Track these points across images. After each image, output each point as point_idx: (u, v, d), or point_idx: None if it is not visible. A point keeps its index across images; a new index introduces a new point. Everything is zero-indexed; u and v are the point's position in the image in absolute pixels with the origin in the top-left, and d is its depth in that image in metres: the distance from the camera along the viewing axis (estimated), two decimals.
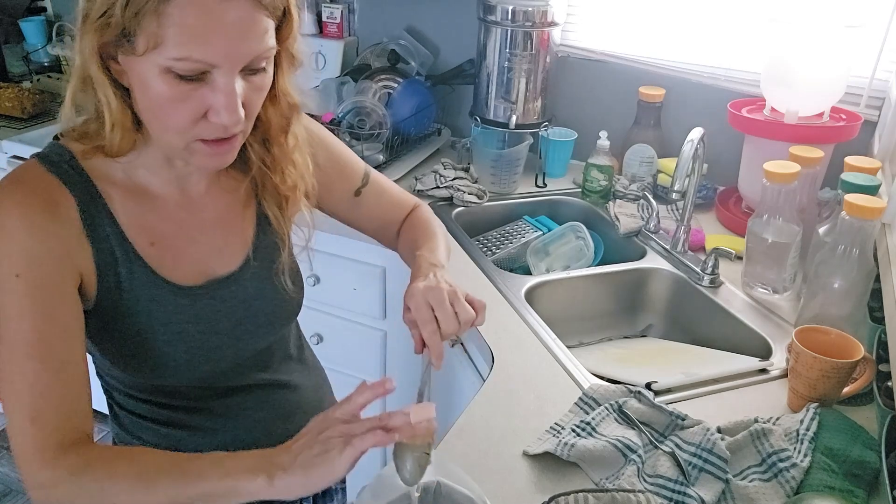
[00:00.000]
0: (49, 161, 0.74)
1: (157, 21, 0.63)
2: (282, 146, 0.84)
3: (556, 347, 1.14)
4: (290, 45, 0.76)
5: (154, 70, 0.66)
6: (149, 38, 0.64)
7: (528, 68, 1.66)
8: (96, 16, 0.65)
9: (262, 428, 0.92)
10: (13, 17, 2.24)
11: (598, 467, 0.89)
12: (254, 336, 0.88)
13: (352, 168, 1.01)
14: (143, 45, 0.65)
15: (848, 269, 1.08)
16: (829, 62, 1.41)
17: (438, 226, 1.05)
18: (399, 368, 1.65)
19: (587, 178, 1.66)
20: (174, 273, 0.80)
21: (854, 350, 0.98)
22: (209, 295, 0.83)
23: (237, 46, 0.67)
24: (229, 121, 0.70)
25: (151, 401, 0.86)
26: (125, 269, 0.77)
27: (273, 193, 0.87)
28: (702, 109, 1.67)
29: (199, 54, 0.65)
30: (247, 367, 0.90)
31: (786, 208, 1.24)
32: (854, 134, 1.42)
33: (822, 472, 0.86)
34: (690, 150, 1.27)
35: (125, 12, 0.64)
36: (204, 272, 0.83)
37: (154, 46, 0.65)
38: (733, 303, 1.30)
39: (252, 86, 0.71)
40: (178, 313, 0.80)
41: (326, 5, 2.02)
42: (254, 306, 0.87)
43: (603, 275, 1.41)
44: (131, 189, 0.78)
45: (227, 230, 0.86)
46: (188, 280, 0.81)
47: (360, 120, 1.71)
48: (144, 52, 0.65)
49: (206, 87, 0.68)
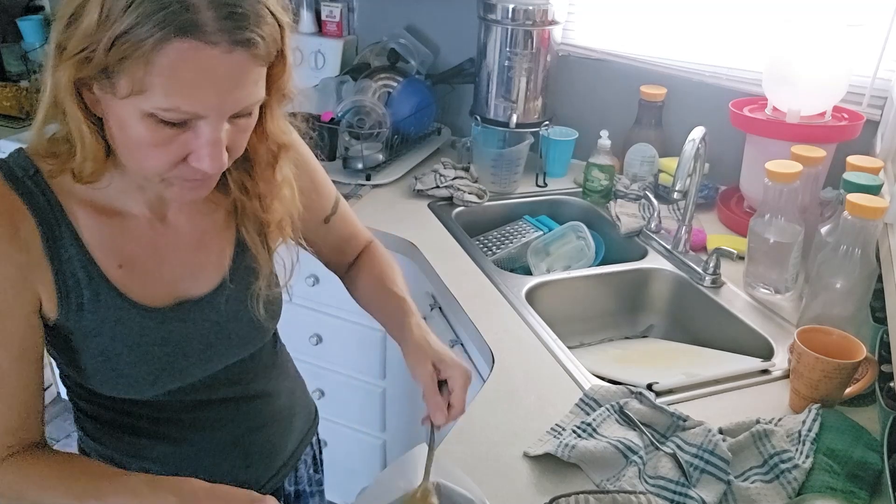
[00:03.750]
0: (12, 176, 0.70)
1: (145, 69, 0.59)
2: (269, 181, 0.80)
3: (556, 348, 1.14)
4: (282, 85, 0.72)
5: (135, 113, 0.62)
6: (133, 83, 0.60)
7: (528, 67, 1.66)
8: (74, 50, 0.60)
9: (231, 439, 0.90)
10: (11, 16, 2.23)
11: (599, 468, 0.89)
12: (224, 357, 0.85)
13: (328, 193, 0.97)
14: (125, 88, 0.61)
15: (850, 270, 1.07)
16: (832, 61, 1.41)
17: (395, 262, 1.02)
18: (398, 369, 1.64)
19: (588, 177, 1.66)
20: (143, 294, 0.77)
21: (856, 351, 0.98)
22: (179, 317, 0.79)
23: (227, 98, 0.64)
24: (211, 169, 0.66)
25: (115, 408, 0.83)
26: (89, 291, 0.73)
27: (253, 220, 0.83)
28: (703, 109, 1.67)
29: (187, 106, 0.62)
30: (218, 382, 0.87)
31: (788, 208, 1.23)
32: (856, 133, 1.42)
33: (824, 473, 0.86)
34: (692, 150, 1.26)
35: (108, 55, 0.59)
36: (175, 293, 0.80)
37: (138, 92, 0.61)
38: (735, 303, 1.29)
39: (237, 128, 0.68)
40: (145, 335, 0.77)
41: (326, 4, 2.01)
42: (227, 329, 0.83)
43: (604, 275, 1.41)
44: (100, 208, 0.74)
45: (202, 251, 0.82)
46: (158, 301, 0.78)
47: (360, 119, 1.70)
48: (127, 97, 0.61)
49: (189, 132, 0.64)
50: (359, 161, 1.68)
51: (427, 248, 1.42)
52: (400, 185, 1.70)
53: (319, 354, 1.73)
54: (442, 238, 1.48)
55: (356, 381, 1.72)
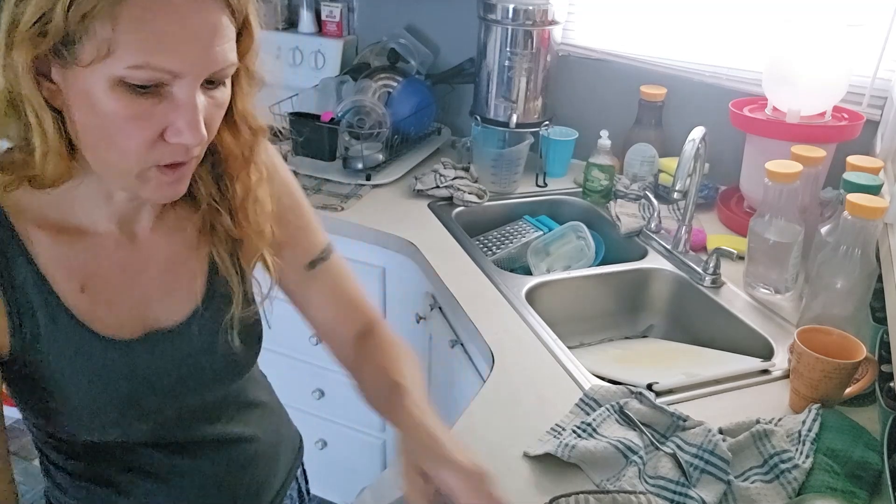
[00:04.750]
0: None
1: (111, 24, 0.54)
2: (244, 182, 0.74)
3: (556, 348, 1.14)
4: (249, 60, 0.67)
5: (102, 84, 0.57)
6: (99, 44, 0.55)
7: (528, 67, 1.66)
8: (29, 22, 0.55)
9: (212, 483, 0.82)
10: None
11: (599, 468, 0.89)
12: (197, 394, 0.78)
13: (314, 231, 0.85)
14: (89, 53, 0.56)
15: (850, 270, 1.07)
16: (832, 61, 1.41)
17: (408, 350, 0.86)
18: None
19: (588, 177, 1.66)
20: (107, 323, 0.70)
21: (856, 351, 0.98)
22: (148, 349, 0.72)
23: (203, 53, 0.59)
24: (192, 140, 0.60)
25: (83, 456, 0.76)
26: (45, 318, 0.66)
27: (223, 237, 0.76)
28: (703, 109, 1.67)
29: (159, 61, 0.56)
30: (193, 421, 0.79)
31: (788, 208, 1.23)
32: (856, 133, 1.41)
33: (824, 474, 0.86)
34: (692, 150, 1.26)
35: (68, 16, 0.54)
36: (143, 322, 0.73)
37: (105, 55, 0.55)
38: (735, 303, 1.29)
39: (212, 101, 0.63)
40: (109, 369, 0.70)
41: (326, 4, 2.01)
42: (200, 362, 0.76)
43: (604, 275, 1.41)
44: (60, 227, 0.67)
45: (173, 273, 0.75)
46: (124, 331, 0.71)
47: (360, 119, 1.70)
48: (91, 63, 0.56)
49: (163, 102, 0.59)
50: (359, 161, 1.68)
51: (427, 248, 1.42)
52: (400, 185, 1.70)
53: (319, 354, 1.72)
54: (442, 238, 1.48)
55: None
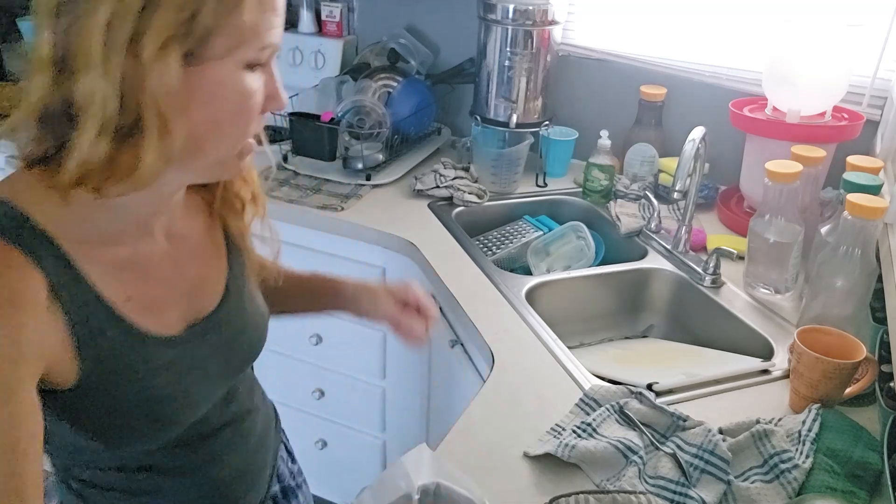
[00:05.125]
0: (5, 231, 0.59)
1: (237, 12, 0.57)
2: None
3: (556, 348, 1.14)
4: None
5: (235, 70, 0.60)
6: (231, 34, 0.58)
7: (528, 67, 1.66)
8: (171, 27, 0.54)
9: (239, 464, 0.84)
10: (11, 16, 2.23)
11: (599, 468, 0.89)
12: (240, 368, 0.81)
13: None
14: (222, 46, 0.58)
15: (850, 270, 1.07)
16: (831, 61, 1.41)
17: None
18: (398, 369, 1.64)
19: (588, 177, 1.66)
20: (156, 323, 0.70)
21: (856, 351, 0.98)
22: (196, 339, 0.74)
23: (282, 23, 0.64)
24: (285, 102, 0.66)
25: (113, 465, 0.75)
26: (108, 331, 0.65)
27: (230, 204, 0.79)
28: (703, 109, 1.67)
29: (272, 36, 0.61)
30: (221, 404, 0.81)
31: (788, 208, 1.23)
32: (856, 133, 1.42)
33: (824, 474, 0.86)
34: (692, 150, 1.26)
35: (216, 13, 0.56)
36: (185, 316, 0.74)
37: (239, 42, 0.58)
38: (735, 303, 1.29)
39: None
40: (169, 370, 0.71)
41: (326, 4, 2.01)
42: (239, 339, 0.79)
43: (604, 275, 1.41)
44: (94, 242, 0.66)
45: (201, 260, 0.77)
46: (172, 328, 0.72)
47: (360, 119, 1.70)
48: (227, 54, 0.58)
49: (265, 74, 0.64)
50: (359, 161, 1.68)
51: (427, 248, 1.42)
52: (400, 185, 1.70)
53: (319, 354, 1.72)
54: (442, 238, 1.48)
55: (356, 381, 1.72)
